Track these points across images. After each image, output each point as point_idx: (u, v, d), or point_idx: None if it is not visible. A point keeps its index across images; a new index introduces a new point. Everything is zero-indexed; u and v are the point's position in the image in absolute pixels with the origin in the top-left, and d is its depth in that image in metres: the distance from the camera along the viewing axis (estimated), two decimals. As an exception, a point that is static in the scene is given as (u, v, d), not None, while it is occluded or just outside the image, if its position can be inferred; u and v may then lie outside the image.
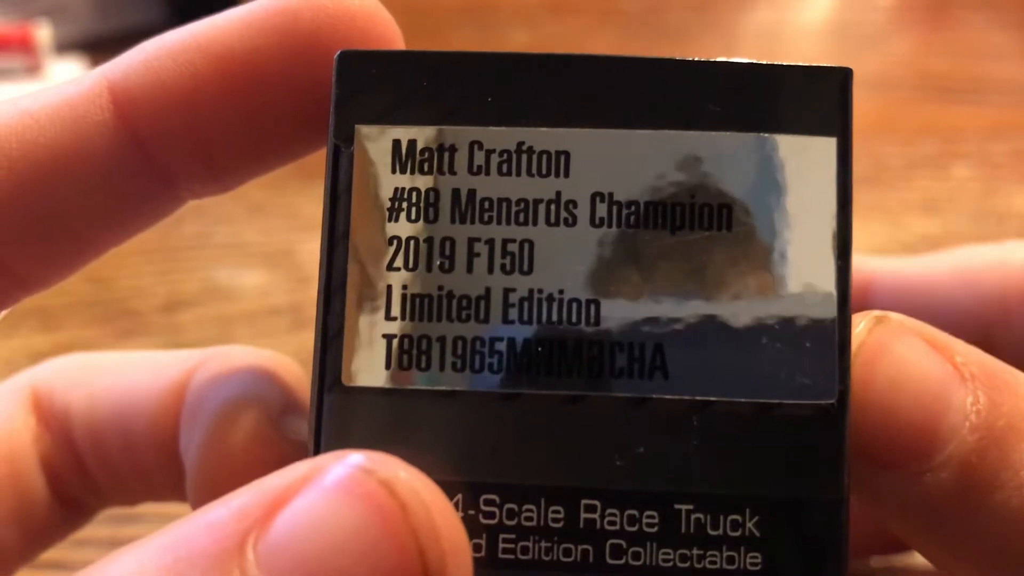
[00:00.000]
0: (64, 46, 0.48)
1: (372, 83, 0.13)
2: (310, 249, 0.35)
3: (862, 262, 0.19)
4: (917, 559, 0.21)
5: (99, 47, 0.14)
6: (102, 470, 0.18)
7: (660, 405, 0.13)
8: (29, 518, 0.17)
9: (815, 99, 0.13)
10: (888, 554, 0.21)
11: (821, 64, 0.13)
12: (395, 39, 0.14)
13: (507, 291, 0.13)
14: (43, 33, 0.46)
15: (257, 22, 0.14)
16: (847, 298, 0.13)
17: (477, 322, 0.13)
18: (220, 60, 0.14)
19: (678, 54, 0.13)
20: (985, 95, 0.47)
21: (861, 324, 0.13)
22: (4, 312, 0.15)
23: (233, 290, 0.35)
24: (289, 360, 0.17)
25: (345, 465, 0.11)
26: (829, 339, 0.13)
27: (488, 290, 0.13)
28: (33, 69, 0.46)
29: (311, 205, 0.37)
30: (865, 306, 0.19)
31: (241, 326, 0.33)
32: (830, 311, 0.13)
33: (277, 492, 0.10)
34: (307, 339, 0.29)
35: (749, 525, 0.12)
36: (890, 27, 0.57)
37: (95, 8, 0.49)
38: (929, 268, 0.19)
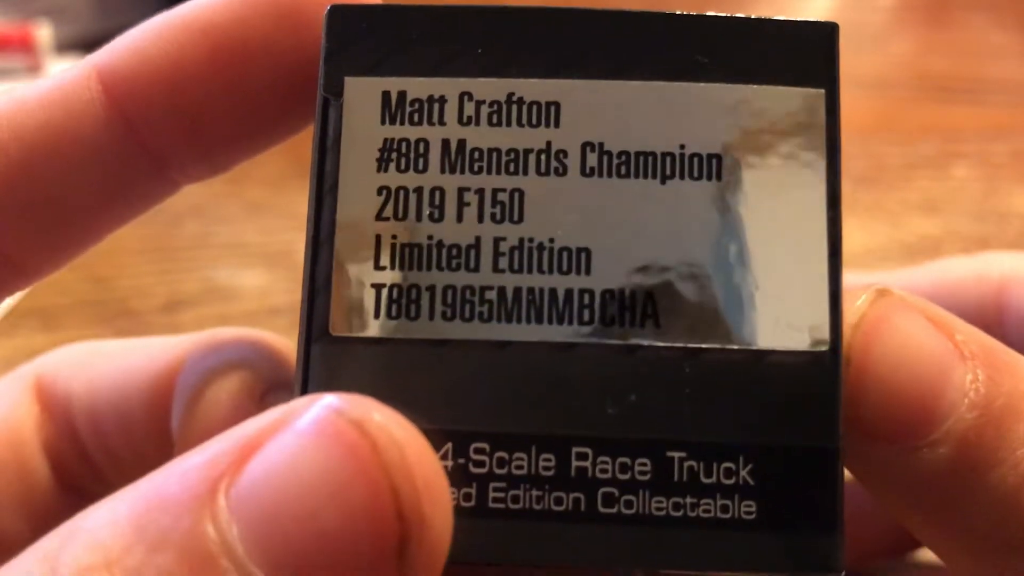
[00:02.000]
0: (64, 46, 0.48)
1: (362, 36, 0.13)
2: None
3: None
4: (926, 555, 0.21)
5: (99, 47, 0.14)
6: (103, 455, 0.18)
7: (651, 353, 0.13)
8: (34, 505, 0.17)
9: (803, 52, 0.13)
10: (894, 557, 0.21)
11: (808, 19, 0.13)
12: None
13: (497, 240, 0.13)
14: (43, 33, 0.46)
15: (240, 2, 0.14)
16: (838, 247, 0.13)
17: (467, 271, 0.13)
18: (204, 35, 0.14)
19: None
20: (985, 95, 0.47)
21: (863, 297, 0.13)
22: (4, 303, 0.15)
23: (233, 290, 0.35)
24: (281, 339, 0.17)
25: (318, 407, 0.10)
26: (820, 288, 0.13)
27: (478, 239, 0.13)
28: (33, 69, 0.46)
29: (311, 205, 0.37)
30: None
31: (241, 326, 0.33)
32: (820, 261, 0.13)
33: (250, 437, 0.10)
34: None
35: (743, 473, 0.12)
36: (890, 27, 0.57)
37: (95, 8, 0.49)
38: (910, 282, 0.19)
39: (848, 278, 0.20)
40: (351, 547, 0.10)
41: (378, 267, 0.13)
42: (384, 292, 0.13)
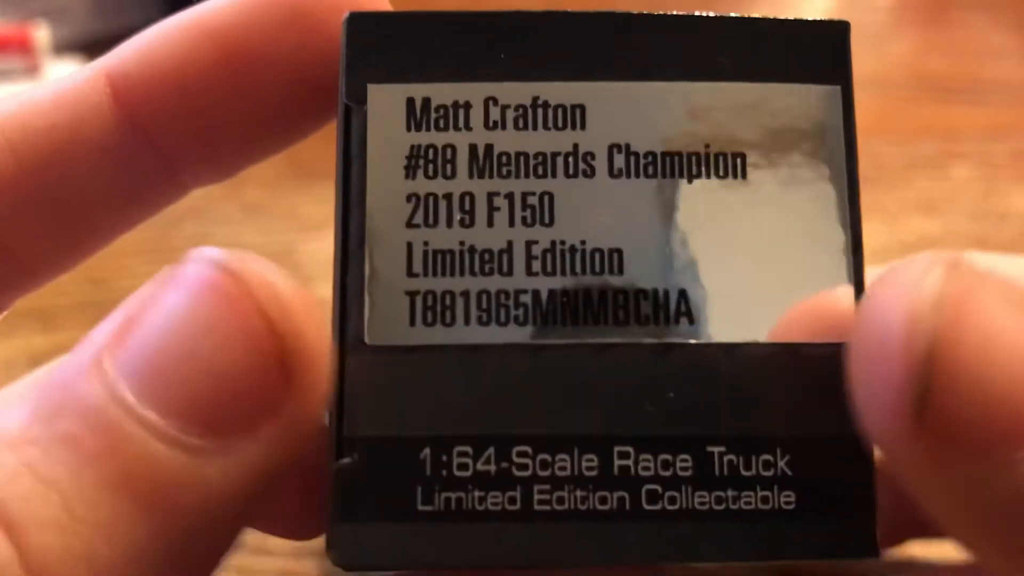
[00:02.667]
0: (62, 47, 0.48)
1: (382, 44, 0.13)
2: (309, 249, 0.35)
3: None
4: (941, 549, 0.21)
5: (97, 48, 0.14)
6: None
7: (687, 350, 0.13)
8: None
9: (818, 50, 0.13)
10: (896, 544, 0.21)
11: (821, 19, 0.14)
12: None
13: (529, 243, 0.13)
14: (41, 34, 0.46)
15: (249, 5, 0.14)
16: (859, 241, 0.13)
17: (501, 275, 0.13)
18: (212, 38, 0.14)
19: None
20: (984, 95, 0.47)
21: (935, 269, 0.11)
22: (10, 305, 0.15)
23: (232, 291, 0.35)
24: None
25: (192, 262, 0.11)
26: (845, 280, 0.13)
27: (510, 243, 0.13)
28: (32, 70, 0.46)
29: (310, 205, 0.37)
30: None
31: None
32: (845, 255, 0.13)
33: (128, 309, 0.11)
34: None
35: (781, 464, 0.13)
36: (889, 27, 0.57)
37: (93, 9, 0.49)
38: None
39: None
40: (233, 373, 0.10)
41: (411, 274, 0.13)
42: (419, 299, 0.13)
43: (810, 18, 0.14)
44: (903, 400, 0.11)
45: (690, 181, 0.13)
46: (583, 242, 0.13)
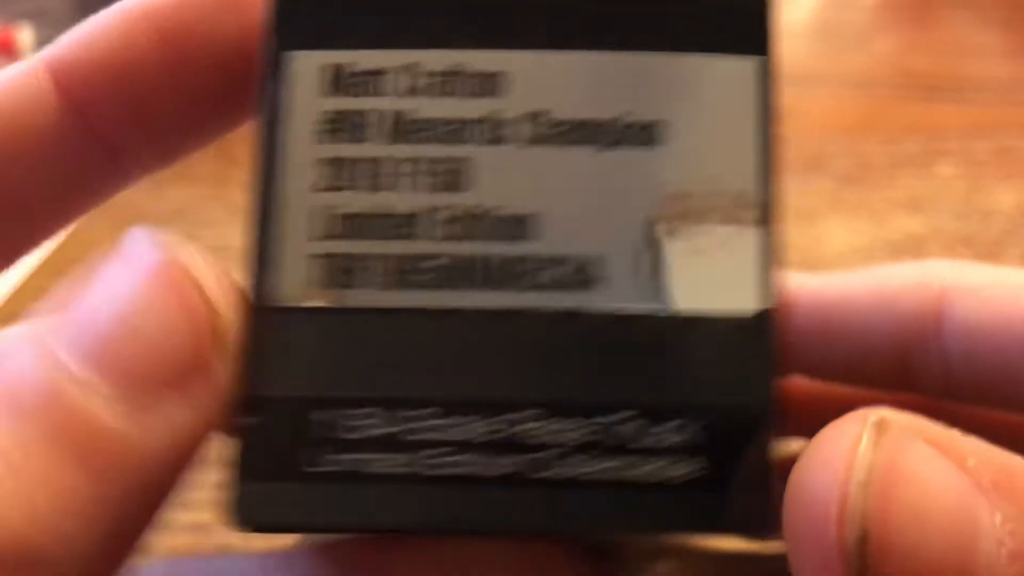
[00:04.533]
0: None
1: (304, 11, 0.13)
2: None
3: (788, 279, 0.19)
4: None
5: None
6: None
7: (591, 318, 0.13)
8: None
9: (738, 21, 0.13)
10: None
11: None
12: None
13: (438, 209, 0.13)
14: (25, 36, 0.46)
15: None
16: (768, 216, 0.13)
17: (408, 240, 0.13)
18: (146, 21, 0.14)
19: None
20: (968, 94, 0.47)
21: (865, 438, 0.11)
22: None
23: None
24: None
25: (137, 243, 0.12)
26: (748, 250, 0.13)
27: (421, 208, 0.13)
28: (15, 72, 0.46)
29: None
30: (786, 325, 0.19)
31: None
32: (749, 228, 0.13)
33: (77, 283, 0.12)
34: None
35: (684, 434, 0.12)
36: (873, 26, 0.57)
37: (77, 11, 0.49)
38: (849, 287, 0.19)
39: (791, 280, 0.20)
40: (172, 343, 0.11)
41: (319, 237, 0.13)
42: (328, 262, 0.13)
43: None
44: None
45: (604, 149, 0.13)
46: (495, 208, 0.13)
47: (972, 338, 0.17)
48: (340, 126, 0.13)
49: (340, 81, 0.13)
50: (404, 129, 0.13)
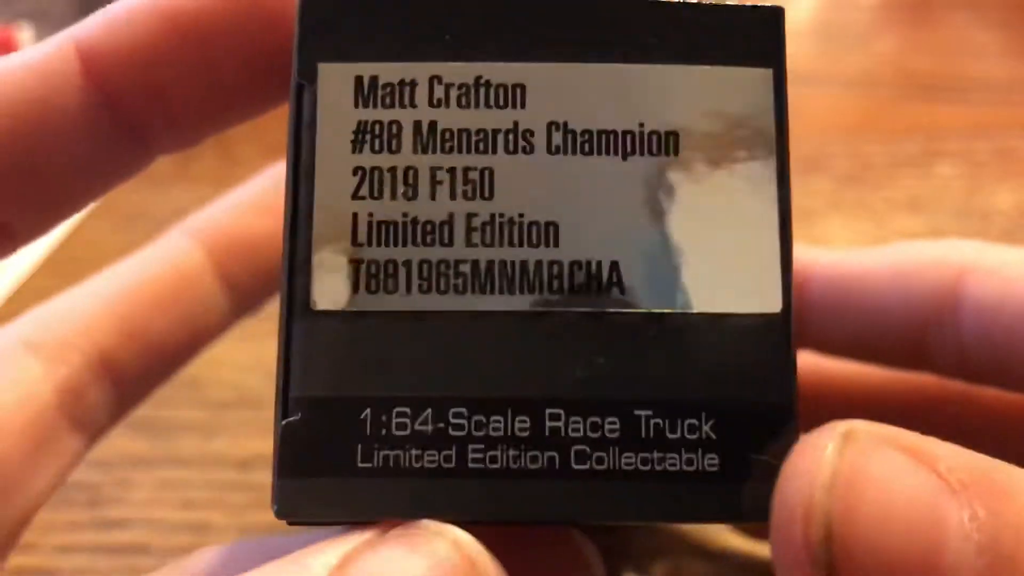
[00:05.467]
0: (46, 49, 0.48)
1: (334, 23, 0.14)
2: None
3: (801, 252, 0.19)
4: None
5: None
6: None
7: (617, 318, 0.13)
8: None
9: (752, 34, 0.14)
10: None
11: (758, 3, 0.14)
12: None
13: (469, 216, 0.14)
14: (25, 36, 0.46)
15: None
16: (787, 220, 0.14)
17: (441, 246, 0.13)
18: (173, 18, 0.14)
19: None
20: (968, 94, 0.47)
21: (829, 446, 0.11)
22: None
23: (218, 293, 0.35)
24: None
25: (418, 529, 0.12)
26: (772, 257, 0.14)
27: (451, 215, 0.14)
28: (15, 72, 0.46)
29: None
30: (801, 299, 0.19)
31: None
32: (771, 232, 0.14)
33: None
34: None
35: (705, 428, 0.13)
36: (873, 27, 0.57)
37: (77, 11, 0.49)
38: (867, 263, 0.19)
39: (808, 252, 0.20)
40: None
41: (355, 243, 0.13)
42: (362, 267, 0.13)
43: (746, 3, 0.14)
44: None
45: (624, 158, 0.14)
46: (521, 215, 0.13)
47: (989, 317, 0.17)
48: (373, 136, 0.14)
49: (371, 92, 0.14)
50: (433, 139, 0.14)
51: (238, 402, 0.30)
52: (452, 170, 0.14)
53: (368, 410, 0.13)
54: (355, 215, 0.13)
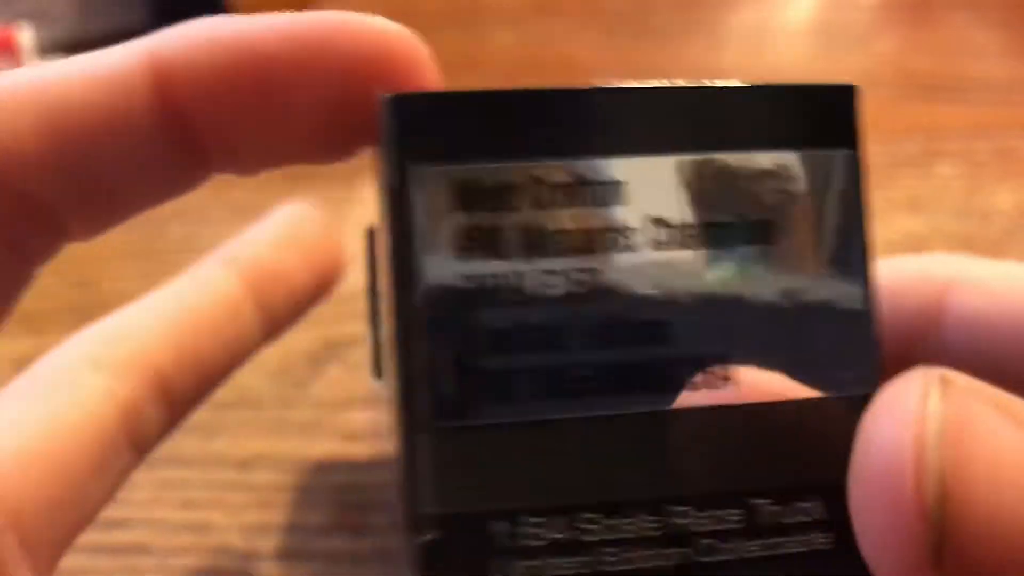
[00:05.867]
0: (47, 48, 0.48)
1: (425, 125, 0.13)
2: (296, 251, 0.35)
3: None
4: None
5: (81, 49, 0.14)
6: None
7: (731, 411, 0.14)
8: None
9: (831, 115, 0.14)
10: None
11: (831, 83, 0.14)
12: (429, 72, 0.15)
13: (579, 318, 0.13)
14: (26, 36, 0.46)
15: (298, 34, 0.14)
16: (875, 297, 0.14)
17: (556, 351, 0.13)
18: (255, 60, 0.14)
19: (662, 54, 0.14)
20: (968, 94, 0.47)
21: (932, 393, 0.11)
22: (51, 258, 0.16)
23: (218, 293, 0.35)
24: None
25: None
26: (864, 334, 0.14)
27: (562, 319, 0.13)
28: (15, 72, 0.46)
29: (296, 207, 0.37)
30: None
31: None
32: (860, 305, 0.14)
33: None
34: (288, 340, 0.29)
35: (818, 509, 0.14)
36: (874, 27, 0.57)
37: (77, 10, 0.49)
38: None
39: None
40: None
41: (470, 354, 0.13)
42: (479, 378, 0.13)
43: (820, 83, 0.14)
44: (920, 553, 0.10)
45: (723, 249, 0.14)
46: (629, 314, 0.14)
47: (975, 331, 0.17)
48: (477, 242, 0.13)
49: (470, 196, 0.13)
50: (539, 242, 0.13)
51: (238, 402, 0.30)
52: (559, 273, 0.13)
53: (501, 523, 0.13)
54: (467, 325, 0.13)
